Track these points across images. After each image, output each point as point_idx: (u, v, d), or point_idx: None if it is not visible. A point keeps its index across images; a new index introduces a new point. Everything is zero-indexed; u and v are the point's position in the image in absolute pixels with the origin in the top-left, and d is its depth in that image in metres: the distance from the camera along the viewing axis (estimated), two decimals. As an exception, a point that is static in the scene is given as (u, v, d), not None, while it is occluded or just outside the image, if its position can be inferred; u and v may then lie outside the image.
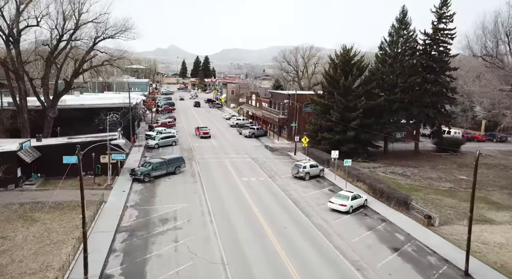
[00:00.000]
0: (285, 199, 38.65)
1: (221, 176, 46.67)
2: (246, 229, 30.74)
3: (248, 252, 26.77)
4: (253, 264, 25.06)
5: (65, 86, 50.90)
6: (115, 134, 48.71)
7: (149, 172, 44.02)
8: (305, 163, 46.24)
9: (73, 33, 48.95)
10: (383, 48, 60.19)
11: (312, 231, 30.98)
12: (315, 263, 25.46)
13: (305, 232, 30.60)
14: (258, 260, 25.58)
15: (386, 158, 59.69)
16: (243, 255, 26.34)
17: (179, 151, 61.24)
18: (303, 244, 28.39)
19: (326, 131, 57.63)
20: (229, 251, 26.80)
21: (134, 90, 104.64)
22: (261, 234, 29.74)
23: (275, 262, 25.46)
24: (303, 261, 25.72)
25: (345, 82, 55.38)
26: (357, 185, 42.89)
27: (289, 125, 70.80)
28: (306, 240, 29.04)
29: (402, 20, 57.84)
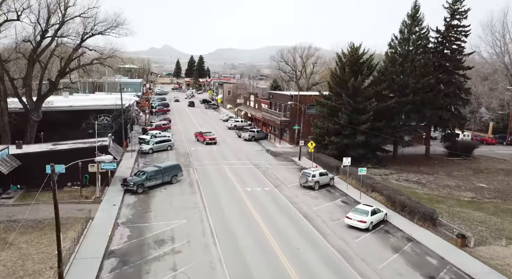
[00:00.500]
0: (295, 213, 34.59)
1: (222, 185, 42.54)
2: (256, 252, 26.62)
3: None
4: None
5: (50, 87, 46.46)
6: (105, 140, 44.44)
7: (143, 182, 39.78)
8: (314, 171, 42.23)
9: (59, 28, 44.59)
10: (393, 46, 56.35)
11: (330, 253, 26.96)
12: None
13: (323, 255, 26.56)
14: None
15: (396, 163, 55.87)
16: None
17: (175, 156, 57.06)
18: (323, 271, 24.34)
19: (333, 135, 53.69)
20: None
21: (127, 90, 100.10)
22: (273, 259, 25.65)
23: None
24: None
25: (355, 83, 51.45)
26: (372, 195, 38.97)
27: (292, 128, 66.82)
28: (325, 266, 24.99)
29: (414, 16, 54.02)
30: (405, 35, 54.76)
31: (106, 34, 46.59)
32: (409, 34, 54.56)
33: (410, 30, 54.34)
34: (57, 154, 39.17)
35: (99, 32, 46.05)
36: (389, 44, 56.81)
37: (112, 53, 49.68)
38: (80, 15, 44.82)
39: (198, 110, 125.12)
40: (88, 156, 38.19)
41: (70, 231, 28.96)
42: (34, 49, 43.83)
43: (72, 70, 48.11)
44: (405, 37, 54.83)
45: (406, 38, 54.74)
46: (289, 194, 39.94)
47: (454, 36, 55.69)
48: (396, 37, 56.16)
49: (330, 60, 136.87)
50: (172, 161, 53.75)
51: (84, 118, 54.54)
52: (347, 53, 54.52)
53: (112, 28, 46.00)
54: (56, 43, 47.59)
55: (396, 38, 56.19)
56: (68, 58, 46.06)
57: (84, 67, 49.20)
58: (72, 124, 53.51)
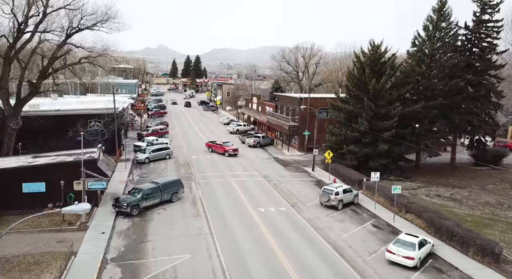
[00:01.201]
0: (321, 242, 28.77)
1: (230, 204, 36.64)
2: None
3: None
4: None
5: (31, 89, 40.40)
6: (93, 151, 38.41)
7: (138, 202, 33.78)
8: (337, 188, 36.38)
9: (40, 22, 38.52)
10: (417, 45, 50.64)
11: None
12: None
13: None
14: None
15: (420, 174, 50.20)
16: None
17: (174, 166, 51.11)
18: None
19: (351, 143, 47.95)
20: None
21: (121, 92, 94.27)
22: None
23: None
24: None
25: (376, 85, 45.73)
26: (408, 218, 33.21)
27: (301, 134, 61.06)
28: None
29: (440, 10, 48.34)
30: (430, 32, 49.05)
31: (95, 29, 40.57)
32: (434, 31, 48.87)
33: (436, 26, 48.66)
34: (35, 170, 33.17)
35: (87, 27, 40.00)
36: (412, 43, 51.09)
37: (103, 51, 43.60)
38: (65, 7, 38.74)
39: (196, 112, 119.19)
40: (72, 171, 32.40)
41: (45, 273, 22.97)
42: (10, 46, 37.69)
43: (56, 70, 42.00)
44: (430, 34, 49.12)
45: (431, 35, 49.03)
46: (309, 216, 34.08)
47: (485, 32, 50.01)
48: (420, 35, 50.48)
49: (333, 60, 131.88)
50: (171, 172, 48.12)
51: (71, 124, 48.58)
52: (366, 52, 48.81)
53: (103, 22, 39.96)
54: (39, 40, 41.54)
55: (419, 36, 50.51)
56: (51, 56, 39.96)
57: (71, 67, 43.07)
58: (57, 132, 47.55)
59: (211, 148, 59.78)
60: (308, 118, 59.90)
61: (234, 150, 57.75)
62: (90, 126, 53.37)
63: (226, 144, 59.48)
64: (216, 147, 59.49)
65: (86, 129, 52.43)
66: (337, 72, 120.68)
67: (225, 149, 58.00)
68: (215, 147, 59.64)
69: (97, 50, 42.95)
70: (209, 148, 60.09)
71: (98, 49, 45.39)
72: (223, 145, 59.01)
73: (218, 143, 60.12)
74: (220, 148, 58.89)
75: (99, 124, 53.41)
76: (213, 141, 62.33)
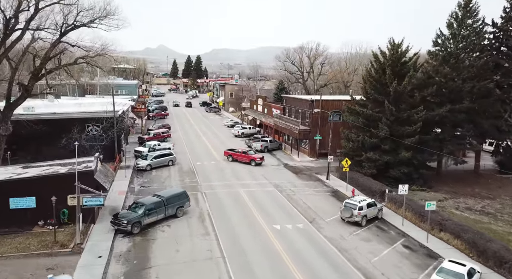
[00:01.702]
0: (349, 269, 25.11)
1: (241, 220, 32.99)
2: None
3: None
4: None
5: (22, 92, 36.78)
6: (90, 160, 34.78)
7: (140, 219, 30.16)
8: (361, 202, 32.70)
9: (32, 18, 34.89)
10: (439, 44, 47.00)
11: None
12: None
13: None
14: None
15: (443, 182, 46.53)
16: None
17: (178, 174, 47.55)
18: None
19: (369, 149, 44.35)
20: None
21: (121, 93, 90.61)
22: None
23: None
24: None
25: (398, 87, 42.10)
26: (443, 237, 29.57)
27: (312, 138, 57.45)
28: None
29: (467, 6, 44.69)
30: (455, 29, 45.41)
31: (92, 26, 36.88)
32: (459, 28, 45.24)
33: (461, 24, 45.03)
34: (24, 183, 29.52)
35: (83, 24, 36.32)
36: (434, 41, 47.47)
37: (102, 50, 39.97)
38: (59, 2, 35.00)
39: (199, 113, 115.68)
40: (66, 184, 28.77)
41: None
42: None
43: (49, 72, 38.35)
44: (454, 32, 45.49)
45: (456, 33, 45.39)
46: (331, 235, 30.44)
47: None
48: (442, 33, 46.85)
49: (338, 60, 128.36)
50: (175, 181, 44.69)
51: (67, 130, 45.04)
52: (386, 51, 45.20)
53: (101, 18, 36.25)
54: (32, 38, 37.88)
55: (442, 34, 46.88)
56: (44, 56, 36.30)
57: (66, 67, 39.42)
58: (52, 137, 43.98)
59: (232, 156, 53.97)
60: (320, 122, 56.42)
61: (261, 158, 52.76)
62: (87, 130, 49.86)
63: (249, 152, 54.16)
64: (239, 155, 53.70)
65: (84, 133, 49.12)
66: (342, 73, 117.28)
67: (250, 158, 52.55)
68: (236, 155, 53.84)
69: (95, 50, 39.25)
70: (229, 156, 54.24)
71: (96, 48, 41.70)
72: (247, 153, 53.57)
73: (240, 151, 54.51)
74: (243, 157, 53.27)
75: (97, 128, 49.85)
76: (232, 148, 56.84)
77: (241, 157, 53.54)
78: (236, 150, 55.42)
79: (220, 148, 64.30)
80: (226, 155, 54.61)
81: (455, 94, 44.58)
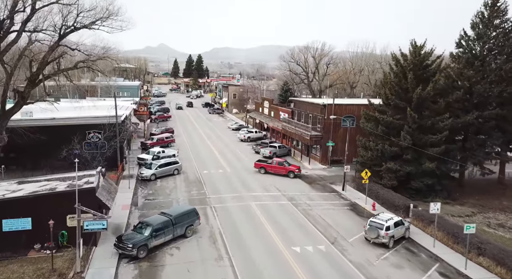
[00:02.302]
0: (384, 303, 22.34)
1: (256, 241, 30.07)
2: None
3: None
4: None
5: (17, 100, 33.95)
6: (92, 174, 31.95)
7: (147, 241, 27.35)
8: (388, 221, 29.85)
9: (28, 19, 32.04)
10: (463, 45, 44.12)
11: None
12: None
13: None
14: None
15: (467, 194, 43.57)
16: None
17: (184, 184, 44.78)
18: None
19: (389, 159, 41.53)
20: None
21: (122, 95, 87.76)
22: None
23: None
24: None
25: (422, 93, 39.25)
26: (482, 263, 26.69)
27: (325, 145, 54.64)
28: None
29: (494, 5, 41.79)
30: (481, 30, 42.51)
31: (94, 28, 34.00)
32: (485, 29, 42.35)
33: (488, 24, 42.13)
34: (19, 203, 26.67)
35: (84, 26, 33.45)
36: (457, 43, 44.60)
37: (104, 53, 37.13)
38: (57, 1, 32.17)
39: (201, 115, 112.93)
40: (65, 202, 26.03)
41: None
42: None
43: (47, 77, 35.49)
44: (480, 32, 42.59)
45: (481, 34, 42.50)
46: (357, 259, 27.60)
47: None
48: (466, 34, 43.98)
49: (343, 60, 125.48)
50: (181, 192, 41.93)
51: (67, 137, 42.32)
52: (408, 54, 42.35)
53: (103, 19, 33.37)
54: (29, 40, 35.05)
55: (466, 35, 44.00)
56: (42, 60, 33.40)
57: (66, 72, 36.56)
58: (51, 146, 41.24)
59: (264, 168, 49.38)
60: (333, 127, 53.65)
61: (299, 169, 48.98)
62: (88, 138, 47.12)
63: (285, 162, 49.74)
64: (273, 167, 49.09)
65: (85, 141, 46.40)
66: (348, 73, 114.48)
67: (288, 170, 48.30)
68: (270, 167, 49.30)
69: (96, 53, 36.42)
70: (261, 168, 49.59)
71: (98, 51, 38.93)
72: (284, 164, 49.16)
73: (274, 162, 49.71)
74: (279, 169, 48.76)
75: (99, 136, 47.10)
76: (263, 159, 52.76)
77: (276, 169, 48.99)
78: (268, 161, 50.98)
79: (226, 153, 61.65)
80: (258, 167, 49.95)
81: (482, 99, 41.69)
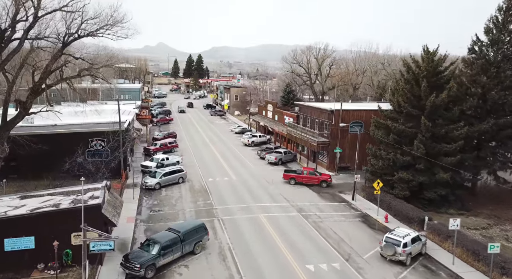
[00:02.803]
0: None
1: (268, 258, 28.92)
2: None
3: None
4: None
5: (19, 110, 32.77)
6: (97, 188, 30.80)
7: (154, 260, 26.25)
8: (405, 237, 28.73)
9: (30, 27, 30.85)
10: (476, 51, 42.99)
11: None
12: None
13: None
14: None
15: (481, 204, 42.27)
16: None
17: (189, 194, 43.72)
18: None
19: (400, 168, 40.41)
20: None
21: (124, 98, 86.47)
22: None
23: None
24: None
25: (436, 101, 38.12)
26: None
27: (332, 151, 53.56)
28: None
29: (509, 9, 40.63)
30: (495, 35, 41.38)
31: (98, 36, 32.83)
32: (499, 34, 41.22)
33: (502, 29, 40.99)
34: (21, 221, 25.51)
35: (88, 34, 32.24)
36: (470, 48, 43.47)
37: (108, 60, 35.98)
38: (61, 9, 30.95)
39: (203, 117, 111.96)
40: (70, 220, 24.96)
41: None
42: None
43: (50, 86, 34.30)
44: (494, 38, 41.45)
45: (495, 39, 41.36)
46: (374, 278, 26.52)
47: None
48: (479, 39, 42.85)
49: (345, 60, 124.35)
50: (187, 203, 40.81)
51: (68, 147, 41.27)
52: (420, 60, 41.23)
53: (108, 27, 32.15)
54: (31, 48, 33.86)
55: (479, 40, 42.87)
56: (44, 69, 32.21)
57: (69, 80, 35.37)
58: (52, 155, 40.10)
59: (295, 179, 47.59)
60: (340, 133, 52.56)
61: (330, 178, 47.69)
62: (91, 146, 46.00)
63: (316, 172, 48.61)
64: (305, 178, 47.44)
65: (87, 149, 45.30)
66: (351, 74, 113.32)
67: (320, 179, 47.01)
68: (302, 178, 47.50)
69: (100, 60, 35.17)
70: (291, 179, 47.77)
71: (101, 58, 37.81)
72: (316, 174, 47.80)
73: (304, 172, 48.02)
74: (311, 178, 47.36)
75: (102, 143, 45.99)
76: (291, 169, 51.10)
77: (308, 179, 47.40)
78: (297, 171, 49.02)
79: (230, 159, 60.57)
80: (287, 178, 48.16)
81: (496, 106, 40.59)
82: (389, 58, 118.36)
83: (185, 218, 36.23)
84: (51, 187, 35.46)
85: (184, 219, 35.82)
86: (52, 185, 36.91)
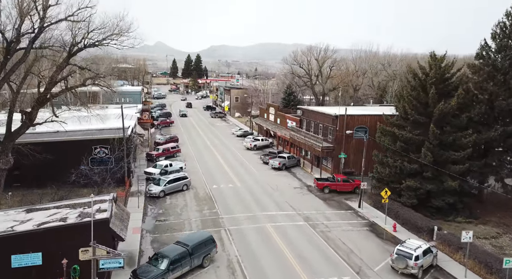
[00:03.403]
0: None
1: (278, 272, 28.49)
2: None
3: None
4: None
5: (24, 121, 32.32)
6: (104, 200, 30.36)
7: (163, 276, 25.89)
8: (417, 250, 28.40)
9: (36, 37, 30.38)
10: (483, 57, 42.67)
11: None
12: None
13: None
14: None
15: (489, 212, 41.97)
16: None
17: (195, 202, 43.29)
18: None
19: (407, 176, 40.10)
20: None
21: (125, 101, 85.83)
22: None
23: None
24: None
25: (445, 108, 37.81)
26: (519, 296, 25.39)
27: (336, 156, 53.22)
28: None
29: (520, 14, 40.30)
30: (502, 41, 41.04)
31: (104, 45, 32.38)
32: (507, 40, 40.91)
33: (510, 34, 40.66)
34: (28, 237, 25.06)
35: (94, 43, 31.78)
36: (477, 54, 43.16)
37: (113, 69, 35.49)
38: (66, 19, 30.53)
39: (204, 119, 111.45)
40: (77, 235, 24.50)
41: None
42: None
43: (55, 96, 33.92)
44: (501, 44, 41.13)
45: (503, 45, 41.03)
46: (387, 292, 26.23)
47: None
48: (487, 44, 42.53)
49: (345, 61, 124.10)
50: (192, 212, 40.37)
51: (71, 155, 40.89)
52: (427, 66, 40.91)
53: (114, 36, 31.71)
54: (35, 57, 33.37)
55: (487, 46, 42.55)
56: (49, 80, 31.76)
57: (73, 90, 34.93)
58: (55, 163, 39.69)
59: (329, 187, 46.78)
60: (344, 138, 52.22)
61: (361, 183, 45.27)
62: (95, 153, 45.58)
63: (350, 179, 47.58)
64: (339, 185, 46.80)
65: (91, 157, 44.93)
66: (351, 75, 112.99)
67: (354, 185, 46.56)
68: (335, 185, 46.84)
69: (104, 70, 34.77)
70: (326, 188, 46.85)
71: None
72: (349, 181, 47.09)
73: (338, 179, 47.32)
74: (346, 186, 46.83)
75: (105, 151, 45.58)
76: (324, 177, 50.01)
77: (343, 186, 46.90)
78: (329, 179, 48.66)
79: (234, 164, 60.11)
80: (321, 187, 47.12)
81: (504, 113, 40.31)
82: (389, 59, 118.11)
83: (191, 228, 35.86)
84: (57, 198, 35.02)
85: (191, 229, 35.47)
86: (58, 195, 36.43)
